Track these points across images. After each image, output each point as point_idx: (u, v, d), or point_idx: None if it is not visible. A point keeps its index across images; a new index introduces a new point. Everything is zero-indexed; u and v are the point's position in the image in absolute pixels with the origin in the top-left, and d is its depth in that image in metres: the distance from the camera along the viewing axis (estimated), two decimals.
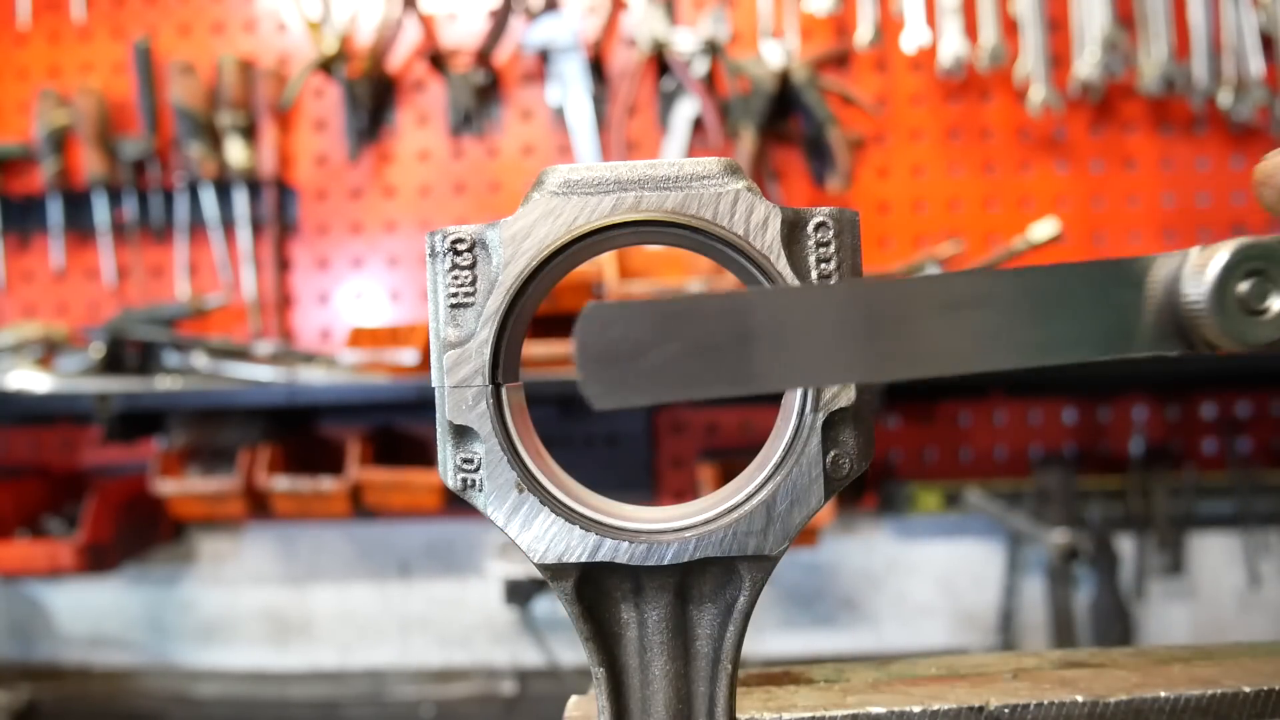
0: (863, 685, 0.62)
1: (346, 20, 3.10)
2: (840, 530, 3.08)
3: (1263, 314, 0.41)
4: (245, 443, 2.77)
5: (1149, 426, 3.10)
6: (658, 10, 2.98)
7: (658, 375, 0.35)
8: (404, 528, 3.16)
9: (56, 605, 3.22)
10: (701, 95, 2.95)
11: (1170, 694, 0.58)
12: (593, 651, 0.55)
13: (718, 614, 0.55)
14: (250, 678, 3.14)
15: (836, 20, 3.07)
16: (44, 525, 2.95)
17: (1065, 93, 2.99)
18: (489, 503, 0.52)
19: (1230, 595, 3.05)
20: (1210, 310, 0.41)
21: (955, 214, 3.12)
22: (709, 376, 0.35)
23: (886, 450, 3.09)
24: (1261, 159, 0.47)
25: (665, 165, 0.52)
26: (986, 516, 2.95)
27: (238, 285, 3.18)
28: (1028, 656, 0.66)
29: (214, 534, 3.22)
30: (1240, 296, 0.41)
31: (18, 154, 3.16)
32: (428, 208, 3.21)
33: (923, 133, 3.12)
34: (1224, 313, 0.41)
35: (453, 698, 3.05)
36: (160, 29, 3.24)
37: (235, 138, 3.08)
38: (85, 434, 3.22)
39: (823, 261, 0.52)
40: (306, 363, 2.82)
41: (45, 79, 3.24)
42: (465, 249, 0.52)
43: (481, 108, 3.16)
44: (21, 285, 3.27)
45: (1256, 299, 0.41)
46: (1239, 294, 0.41)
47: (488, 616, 3.10)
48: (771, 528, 0.52)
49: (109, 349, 2.78)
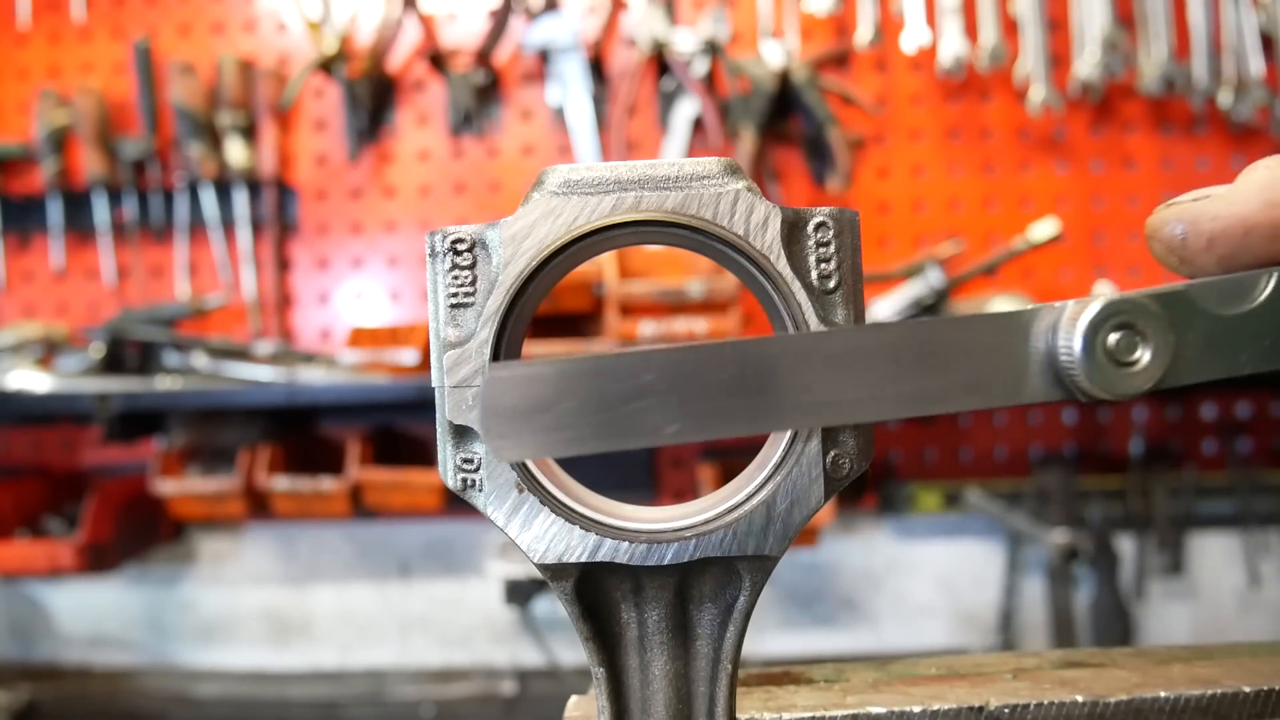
0: (863, 685, 0.62)
1: (346, 20, 3.11)
2: (840, 530, 3.08)
3: (1131, 366, 0.43)
4: (245, 443, 2.77)
5: (1149, 426, 3.10)
6: (658, 10, 2.98)
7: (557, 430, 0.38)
8: (404, 528, 3.16)
9: (56, 605, 3.22)
10: (701, 95, 2.95)
11: (1170, 694, 0.58)
12: (593, 651, 0.55)
13: (718, 614, 0.55)
14: (250, 678, 3.14)
15: (836, 20, 3.07)
16: (44, 525, 2.95)
17: (1065, 93, 2.99)
18: (489, 503, 0.52)
19: (1230, 595, 3.05)
20: (1080, 363, 0.43)
21: (955, 214, 3.12)
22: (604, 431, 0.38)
23: (886, 450, 3.09)
24: (1153, 211, 0.48)
25: (665, 165, 0.52)
26: (986, 516, 2.95)
27: (238, 285, 3.18)
28: (1028, 656, 0.66)
29: (214, 534, 3.22)
30: (1109, 349, 0.43)
31: (18, 154, 3.16)
32: (428, 208, 3.21)
33: (923, 133, 3.12)
34: (1093, 365, 0.43)
35: (453, 698, 3.05)
36: (160, 29, 3.24)
37: (235, 138, 3.08)
38: (85, 434, 3.22)
39: (823, 261, 0.52)
40: (306, 363, 2.82)
41: (45, 79, 3.24)
42: (465, 249, 0.52)
43: (481, 108, 3.16)
44: (21, 285, 3.27)
45: (1125, 352, 0.43)
46: (1108, 347, 0.43)
47: (488, 616, 3.10)
48: (771, 528, 0.52)
49: (109, 349, 2.78)
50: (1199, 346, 0.44)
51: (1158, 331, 0.43)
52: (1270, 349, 0.44)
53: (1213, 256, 0.46)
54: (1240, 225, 0.45)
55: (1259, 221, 0.44)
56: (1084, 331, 0.43)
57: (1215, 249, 0.45)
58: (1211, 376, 0.45)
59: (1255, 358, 0.44)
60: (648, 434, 0.39)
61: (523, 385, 0.39)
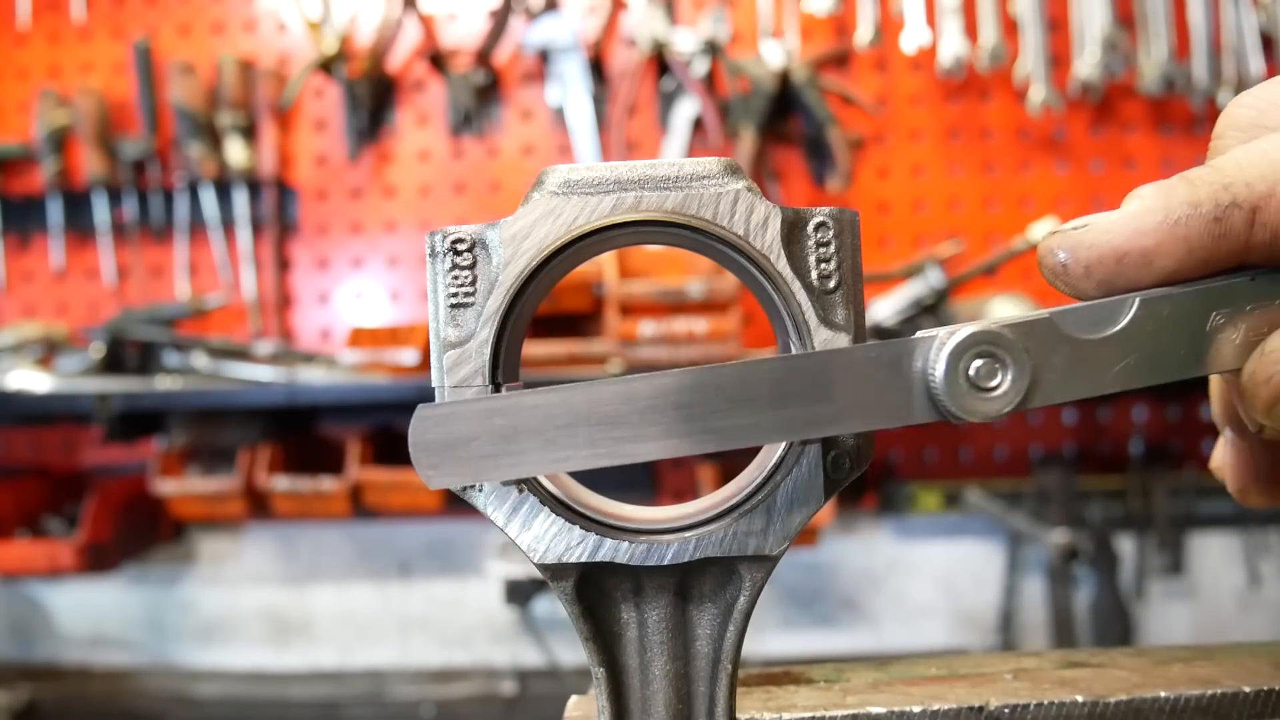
0: (863, 685, 0.62)
1: (346, 20, 3.11)
2: (840, 530, 3.08)
3: (991, 391, 0.46)
4: (245, 443, 2.77)
5: (1149, 426, 3.10)
6: (658, 10, 2.98)
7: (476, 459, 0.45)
8: (404, 528, 3.16)
9: (56, 605, 3.22)
10: (701, 95, 2.95)
11: (1170, 694, 0.58)
12: (593, 651, 0.55)
13: (718, 614, 0.55)
14: (250, 678, 3.14)
15: (836, 20, 3.07)
16: (44, 525, 2.95)
17: (1065, 93, 2.99)
18: (489, 503, 0.52)
19: (1230, 595, 3.05)
20: (943, 387, 0.46)
21: (955, 214, 3.12)
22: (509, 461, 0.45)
23: (886, 450, 3.09)
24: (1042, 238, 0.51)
25: (665, 165, 0.52)
26: (986, 516, 2.95)
27: (238, 285, 3.18)
28: (1028, 656, 0.66)
29: (214, 534, 3.22)
30: (970, 376, 0.46)
31: (18, 154, 3.16)
32: (428, 208, 3.21)
33: (923, 133, 3.12)
34: (955, 389, 0.46)
35: (453, 698, 3.05)
36: (160, 29, 3.24)
37: (235, 138, 3.08)
38: (85, 434, 3.22)
39: (822, 261, 0.52)
40: (306, 363, 2.82)
41: (45, 79, 3.24)
42: (465, 249, 0.52)
43: (481, 108, 3.16)
44: (21, 285, 3.27)
45: (986, 378, 0.46)
46: (969, 374, 0.46)
47: (488, 616, 3.10)
48: (771, 528, 0.52)
49: (109, 349, 2.78)
50: (1063, 370, 0.47)
51: (1016, 359, 0.47)
52: (1133, 369, 0.48)
53: (1092, 282, 0.48)
54: (1113, 254, 0.47)
55: (1129, 250, 0.47)
56: (946, 359, 0.46)
57: (1093, 275, 0.48)
58: (1078, 396, 0.48)
59: (1119, 378, 0.48)
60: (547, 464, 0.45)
61: (444, 422, 0.45)
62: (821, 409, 0.46)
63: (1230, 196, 0.46)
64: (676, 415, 0.45)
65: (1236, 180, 0.46)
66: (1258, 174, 0.45)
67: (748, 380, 0.46)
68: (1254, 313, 0.47)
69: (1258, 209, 0.45)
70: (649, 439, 0.45)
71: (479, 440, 0.45)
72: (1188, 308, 0.47)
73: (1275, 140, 0.47)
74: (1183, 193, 0.47)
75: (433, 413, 0.45)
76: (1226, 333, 0.47)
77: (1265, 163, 0.46)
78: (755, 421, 0.46)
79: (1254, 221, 0.45)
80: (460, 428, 0.45)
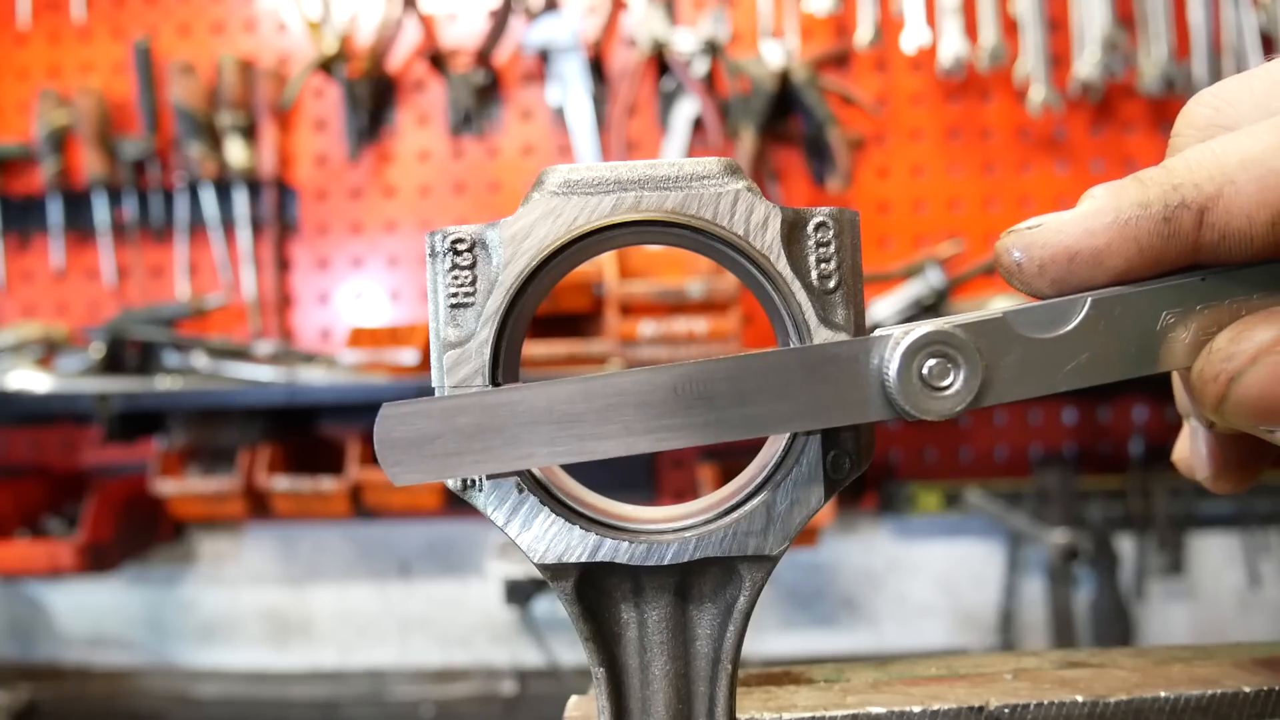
0: (863, 685, 0.62)
1: (346, 20, 3.11)
2: (840, 530, 3.08)
3: (943, 390, 0.47)
4: (245, 443, 2.77)
5: (1149, 426, 3.10)
6: (658, 10, 2.98)
7: (440, 457, 0.46)
8: (404, 528, 3.16)
9: (56, 605, 3.22)
10: (701, 95, 2.95)
11: (1170, 694, 0.58)
12: (592, 651, 0.54)
13: (718, 614, 0.55)
14: (250, 678, 3.14)
15: (836, 20, 3.07)
16: (44, 525, 2.95)
17: (1065, 93, 2.99)
18: (488, 502, 0.52)
19: (1230, 595, 3.05)
20: (896, 386, 0.47)
21: (955, 214, 3.12)
22: (472, 458, 0.46)
23: (886, 450, 3.09)
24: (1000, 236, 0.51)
25: (665, 165, 0.52)
26: (986, 516, 2.95)
27: (238, 285, 3.18)
28: (1028, 656, 0.66)
29: (214, 534, 3.22)
30: (923, 375, 0.47)
31: (18, 154, 3.16)
32: (428, 208, 3.21)
33: (923, 133, 3.12)
34: (907, 387, 0.47)
35: (453, 698, 3.05)
36: (160, 29, 3.24)
37: (235, 138, 3.08)
38: (85, 434, 3.22)
39: (822, 261, 0.52)
40: (306, 363, 2.82)
41: (45, 79, 3.24)
42: (465, 249, 0.52)
43: (481, 108, 3.16)
44: (21, 285, 3.27)
45: (938, 377, 0.47)
46: (922, 373, 0.47)
47: (488, 616, 3.10)
48: (771, 528, 0.52)
49: (109, 349, 2.78)
50: (1015, 369, 0.48)
51: (969, 358, 0.47)
52: (1084, 368, 0.48)
53: (1046, 281, 0.49)
54: (1065, 253, 0.48)
55: (1080, 249, 0.47)
56: (900, 358, 0.47)
57: (1047, 274, 0.48)
58: (1030, 395, 0.49)
59: (1070, 376, 0.48)
60: (509, 461, 0.47)
61: (409, 420, 0.46)
62: (778, 407, 0.47)
63: (1179, 197, 0.46)
64: (635, 414, 0.46)
65: (1186, 181, 0.46)
66: (1206, 175, 0.45)
67: (705, 379, 0.46)
68: (1204, 312, 0.48)
69: (1205, 210, 0.45)
70: (608, 437, 0.46)
71: (443, 438, 0.46)
72: (1139, 307, 0.48)
73: (1226, 141, 0.46)
74: (1133, 193, 0.47)
75: (397, 411, 0.47)
76: (1177, 332, 0.48)
77: (1214, 163, 0.45)
78: (711, 419, 0.47)
79: (1202, 222, 0.45)
80: (424, 426, 0.46)
